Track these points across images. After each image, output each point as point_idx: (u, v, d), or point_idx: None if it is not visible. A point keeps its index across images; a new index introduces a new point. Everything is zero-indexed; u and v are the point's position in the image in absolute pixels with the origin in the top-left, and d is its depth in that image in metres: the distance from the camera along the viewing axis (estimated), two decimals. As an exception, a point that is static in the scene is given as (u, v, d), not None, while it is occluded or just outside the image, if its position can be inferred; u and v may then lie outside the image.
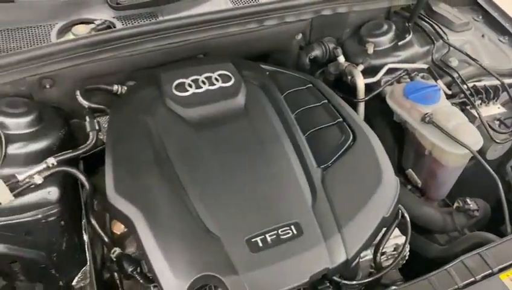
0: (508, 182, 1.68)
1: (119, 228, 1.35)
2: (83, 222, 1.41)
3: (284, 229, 1.06)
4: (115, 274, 1.28)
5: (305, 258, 1.03)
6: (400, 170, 1.66)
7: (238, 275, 0.98)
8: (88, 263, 1.40)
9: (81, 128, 1.49)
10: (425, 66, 1.64)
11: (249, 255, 1.01)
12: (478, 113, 1.50)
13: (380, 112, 1.65)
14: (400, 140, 1.64)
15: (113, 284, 1.27)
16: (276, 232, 1.05)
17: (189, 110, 1.26)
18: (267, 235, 1.04)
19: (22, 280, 1.33)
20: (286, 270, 1.02)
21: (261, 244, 1.03)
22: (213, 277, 0.98)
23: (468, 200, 1.49)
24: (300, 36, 1.69)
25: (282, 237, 1.05)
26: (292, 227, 1.06)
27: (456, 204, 1.51)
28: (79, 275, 1.41)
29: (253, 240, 1.04)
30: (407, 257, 1.33)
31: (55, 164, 1.22)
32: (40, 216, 1.23)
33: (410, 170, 1.62)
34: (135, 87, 1.40)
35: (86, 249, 1.40)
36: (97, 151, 1.37)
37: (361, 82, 1.55)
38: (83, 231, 1.40)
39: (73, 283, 1.41)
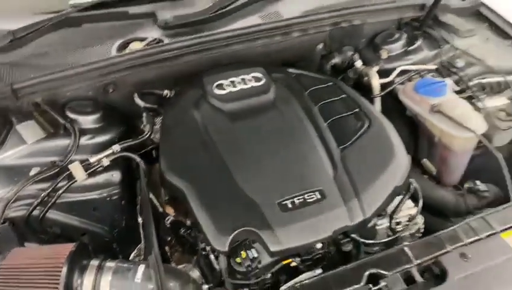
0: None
1: (170, 212, 1.57)
2: (137, 207, 1.65)
3: (309, 194, 1.26)
4: (166, 248, 1.50)
5: (328, 217, 1.22)
6: (416, 162, 1.83)
7: (273, 230, 1.18)
8: (142, 241, 1.62)
9: (135, 129, 1.76)
10: (434, 67, 1.84)
11: (281, 214, 1.22)
12: (482, 103, 1.67)
13: (394, 111, 1.84)
14: (414, 134, 1.82)
15: (164, 258, 1.48)
16: (303, 197, 1.25)
17: (227, 105, 1.50)
18: (295, 199, 1.24)
19: (89, 252, 1.56)
20: (312, 227, 1.21)
21: (290, 206, 1.23)
22: (251, 232, 1.18)
23: (477, 181, 1.63)
24: (321, 46, 1.91)
25: (308, 200, 1.24)
26: (316, 193, 1.26)
27: (466, 185, 1.65)
28: (135, 251, 1.63)
29: (283, 202, 1.24)
30: (422, 230, 1.50)
31: (119, 150, 1.47)
32: (105, 194, 1.48)
33: (425, 159, 1.78)
34: (183, 88, 1.66)
35: (141, 229, 1.64)
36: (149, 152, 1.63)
37: (376, 80, 1.77)
38: (138, 214, 1.64)
39: (130, 257, 1.63)
